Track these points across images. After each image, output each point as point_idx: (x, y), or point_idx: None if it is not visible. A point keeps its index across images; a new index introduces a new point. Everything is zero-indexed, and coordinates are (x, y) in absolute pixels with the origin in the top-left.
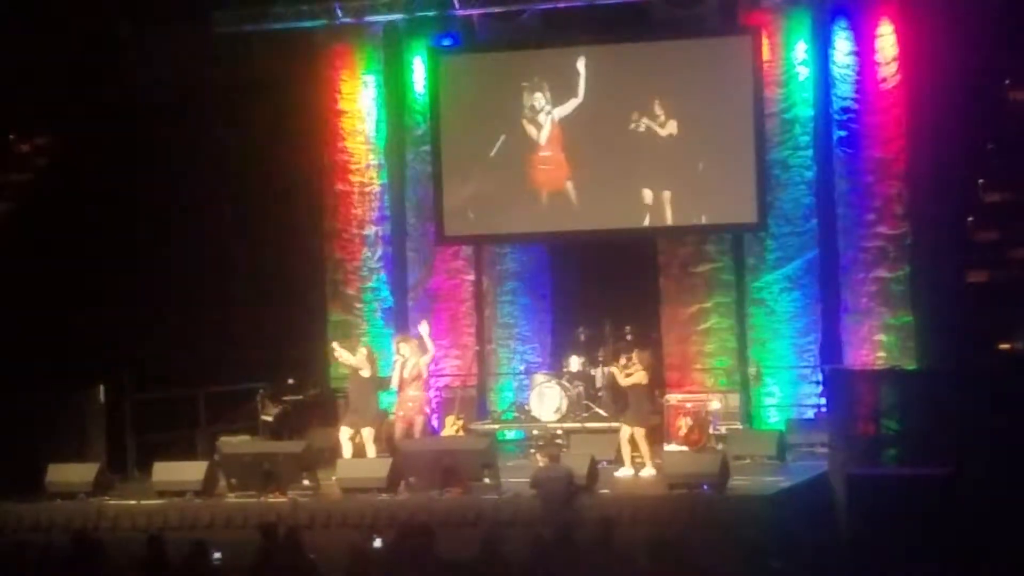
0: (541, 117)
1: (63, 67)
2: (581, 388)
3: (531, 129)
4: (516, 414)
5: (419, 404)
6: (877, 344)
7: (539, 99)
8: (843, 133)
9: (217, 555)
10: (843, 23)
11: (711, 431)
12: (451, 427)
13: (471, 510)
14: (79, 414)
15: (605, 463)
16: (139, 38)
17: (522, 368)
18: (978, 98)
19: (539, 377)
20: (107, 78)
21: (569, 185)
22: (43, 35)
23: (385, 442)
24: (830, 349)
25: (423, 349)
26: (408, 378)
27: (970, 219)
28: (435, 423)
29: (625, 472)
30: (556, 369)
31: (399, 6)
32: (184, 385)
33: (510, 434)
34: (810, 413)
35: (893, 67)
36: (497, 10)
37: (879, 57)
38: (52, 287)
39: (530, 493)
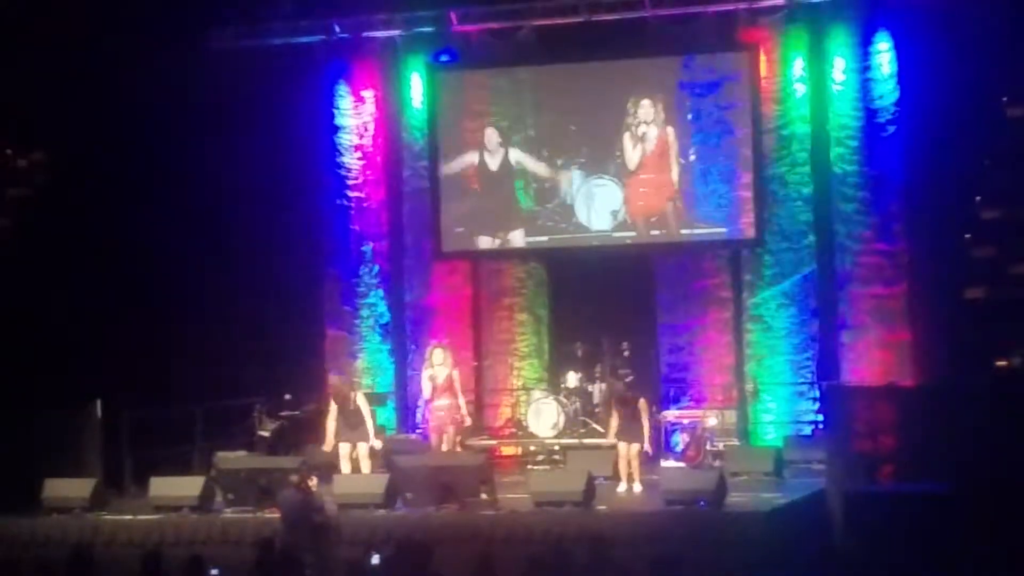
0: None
1: (60, 83)
2: (578, 404)
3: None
4: (513, 430)
5: (450, 413)
6: (874, 360)
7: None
8: (840, 149)
9: (214, 571)
10: (841, 40)
11: (708, 448)
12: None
13: (468, 526)
14: (76, 429)
15: (602, 479)
16: (136, 54)
17: (519, 384)
18: (975, 115)
19: (536, 393)
20: (105, 94)
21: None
22: (40, 51)
23: (382, 458)
24: (827, 365)
25: (455, 361)
26: (440, 387)
27: (968, 236)
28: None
29: (623, 488)
30: (553, 385)
31: (397, 22)
32: (181, 400)
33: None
34: (807, 430)
35: (891, 84)
36: (494, 26)
37: (877, 74)
38: (49, 303)
39: (534, 508)
